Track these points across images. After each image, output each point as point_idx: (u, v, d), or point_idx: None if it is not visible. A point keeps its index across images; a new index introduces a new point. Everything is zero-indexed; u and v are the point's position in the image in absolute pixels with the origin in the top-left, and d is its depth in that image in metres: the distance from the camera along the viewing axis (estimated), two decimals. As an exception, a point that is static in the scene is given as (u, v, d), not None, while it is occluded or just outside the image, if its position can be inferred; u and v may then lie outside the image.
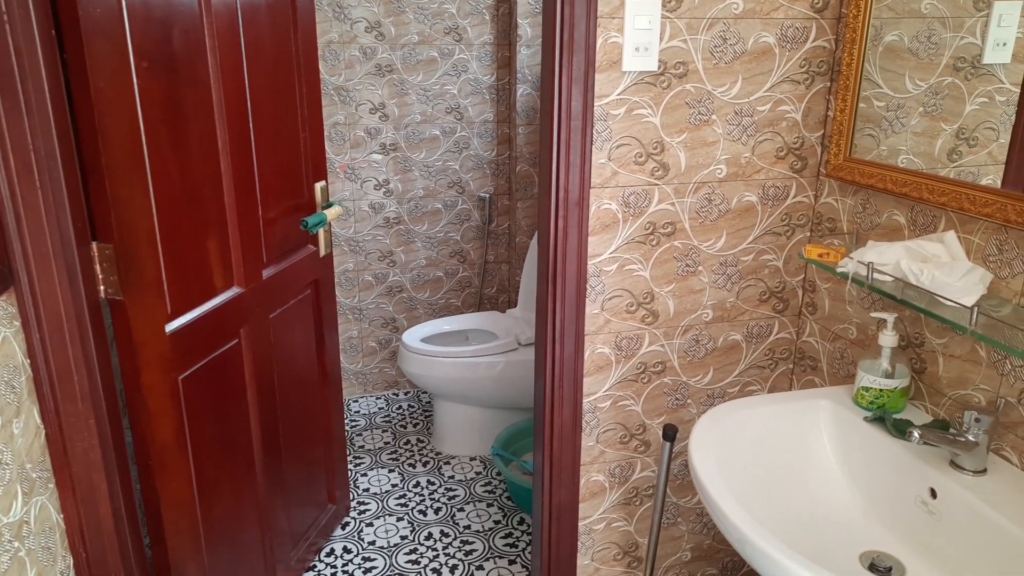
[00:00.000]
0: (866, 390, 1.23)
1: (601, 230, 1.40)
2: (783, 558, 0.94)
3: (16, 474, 1.11)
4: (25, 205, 1.14)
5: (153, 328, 1.40)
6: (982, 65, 1.28)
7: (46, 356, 1.21)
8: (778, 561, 0.94)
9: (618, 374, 1.50)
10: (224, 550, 1.69)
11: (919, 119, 1.36)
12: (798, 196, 1.48)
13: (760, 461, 1.23)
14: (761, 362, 1.58)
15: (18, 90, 1.10)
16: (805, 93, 1.42)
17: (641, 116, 1.35)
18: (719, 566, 1.73)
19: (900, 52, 1.37)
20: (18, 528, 1.10)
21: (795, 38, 1.38)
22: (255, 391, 1.76)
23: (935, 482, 1.08)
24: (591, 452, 1.54)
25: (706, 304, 1.50)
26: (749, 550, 1.00)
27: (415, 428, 2.94)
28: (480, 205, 3.06)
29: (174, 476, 1.50)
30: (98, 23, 1.21)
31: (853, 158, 1.39)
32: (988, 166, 1.26)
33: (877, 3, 1.36)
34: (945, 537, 1.06)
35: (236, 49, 1.59)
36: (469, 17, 2.80)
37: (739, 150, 1.42)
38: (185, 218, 1.48)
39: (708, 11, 1.31)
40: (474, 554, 2.20)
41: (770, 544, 0.95)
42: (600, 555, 1.63)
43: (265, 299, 1.78)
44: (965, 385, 1.17)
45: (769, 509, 1.13)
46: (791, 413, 1.29)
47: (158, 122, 1.38)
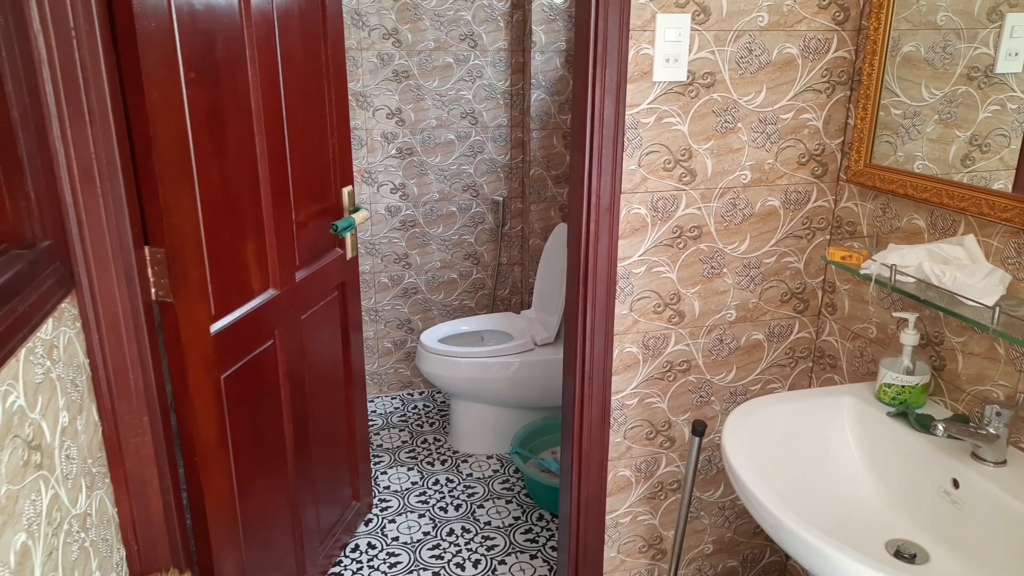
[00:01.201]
0: (888, 386, 1.29)
1: (631, 234, 1.46)
2: (817, 541, 0.99)
3: (80, 469, 1.16)
4: (87, 211, 1.19)
5: (199, 329, 1.46)
6: (995, 74, 1.33)
7: (104, 356, 1.26)
8: (812, 544, 0.99)
9: (645, 372, 1.56)
10: (259, 545, 1.74)
11: (934, 126, 1.42)
12: (819, 200, 1.53)
13: (787, 454, 1.28)
14: (782, 361, 1.64)
15: (82, 100, 1.15)
16: (826, 102, 1.47)
17: (670, 124, 1.40)
18: (740, 558, 1.79)
19: (917, 62, 1.43)
20: (83, 520, 1.15)
21: (817, 49, 1.43)
22: (288, 391, 1.82)
23: (958, 473, 1.14)
24: (618, 448, 1.60)
25: (730, 305, 1.56)
26: (784, 535, 1.05)
27: (431, 427, 2.99)
28: (494, 208, 3.12)
29: (217, 473, 1.55)
30: (152, 36, 1.26)
31: (873, 164, 1.45)
32: (1000, 171, 1.31)
33: (895, 16, 1.42)
34: (967, 525, 1.12)
35: (273, 59, 1.64)
36: (484, 24, 2.86)
37: (763, 156, 1.47)
38: (227, 222, 1.53)
39: (735, 24, 1.37)
40: (496, 549, 2.26)
41: (804, 529, 1.01)
42: (626, 548, 1.69)
43: (297, 301, 1.83)
44: (984, 381, 1.23)
45: (797, 499, 1.18)
46: (816, 409, 1.34)
47: (203, 130, 1.43)
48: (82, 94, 1.14)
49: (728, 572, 1.79)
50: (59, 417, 1.09)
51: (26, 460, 0.96)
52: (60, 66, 1.11)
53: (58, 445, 1.07)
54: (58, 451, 1.07)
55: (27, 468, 0.96)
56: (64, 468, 1.09)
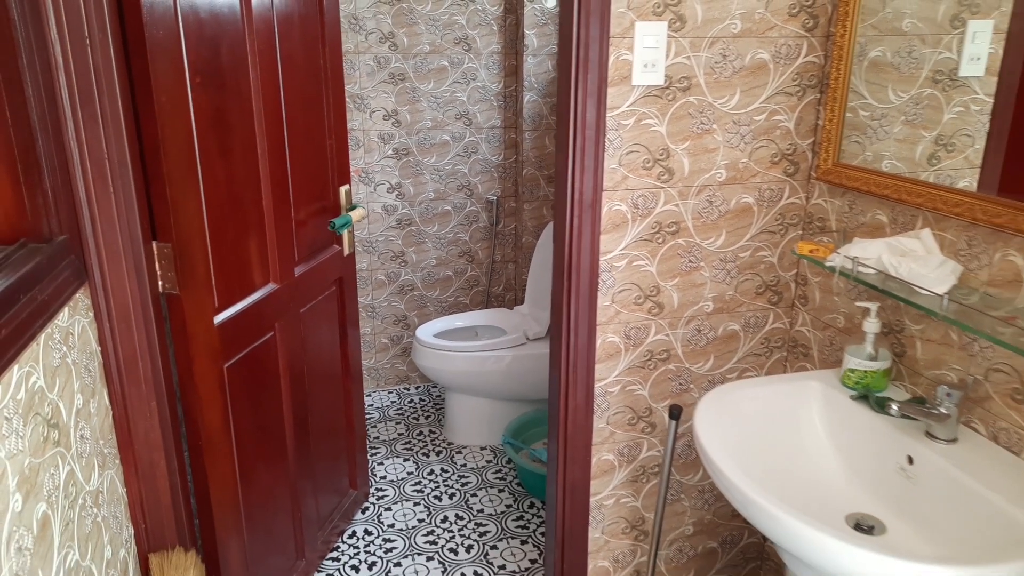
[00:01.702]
0: (852, 371, 1.37)
1: (612, 229, 1.54)
2: (780, 513, 1.07)
3: (93, 448, 1.25)
4: (100, 208, 1.27)
5: (204, 320, 1.54)
6: (958, 78, 1.41)
7: (115, 344, 1.34)
8: (776, 516, 1.08)
9: (627, 361, 1.64)
10: (260, 529, 1.82)
11: (901, 127, 1.49)
12: (791, 198, 1.62)
13: (757, 435, 1.36)
14: (758, 350, 1.72)
15: (96, 104, 1.23)
16: (797, 104, 1.56)
17: (649, 126, 1.49)
18: (719, 540, 1.87)
19: (883, 66, 1.51)
20: (96, 496, 1.24)
21: (788, 55, 1.52)
22: (287, 381, 1.90)
23: (912, 450, 1.22)
24: (602, 433, 1.68)
25: (707, 297, 1.64)
26: (752, 510, 1.13)
27: (427, 420, 3.07)
28: (488, 207, 3.20)
29: (220, 458, 1.63)
30: (161, 44, 1.34)
31: (841, 163, 1.53)
32: (965, 170, 1.39)
33: (862, 23, 1.50)
34: (921, 498, 1.20)
35: (273, 63, 1.72)
36: (478, 28, 2.94)
37: (737, 156, 1.56)
38: (230, 219, 1.61)
39: (709, 31, 1.45)
40: (488, 535, 2.34)
41: (768, 501, 1.09)
42: (610, 529, 1.77)
43: (297, 295, 1.91)
44: (940, 366, 1.31)
45: (766, 477, 1.26)
46: (785, 393, 1.43)
47: (208, 132, 1.51)
48: (96, 98, 1.22)
49: (707, 553, 1.87)
50: (75, 399, 1.17)
51: (46, 436, 1.04)
52: (75, 72, 1.19)
53: (73, 425, 1.15)
54: (73, 430, 1.15)
55: (47, 444, 1.04)
56: (79, 447, 1.17)
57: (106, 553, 1.26)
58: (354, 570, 2.19)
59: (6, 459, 0.91)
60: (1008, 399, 1.18)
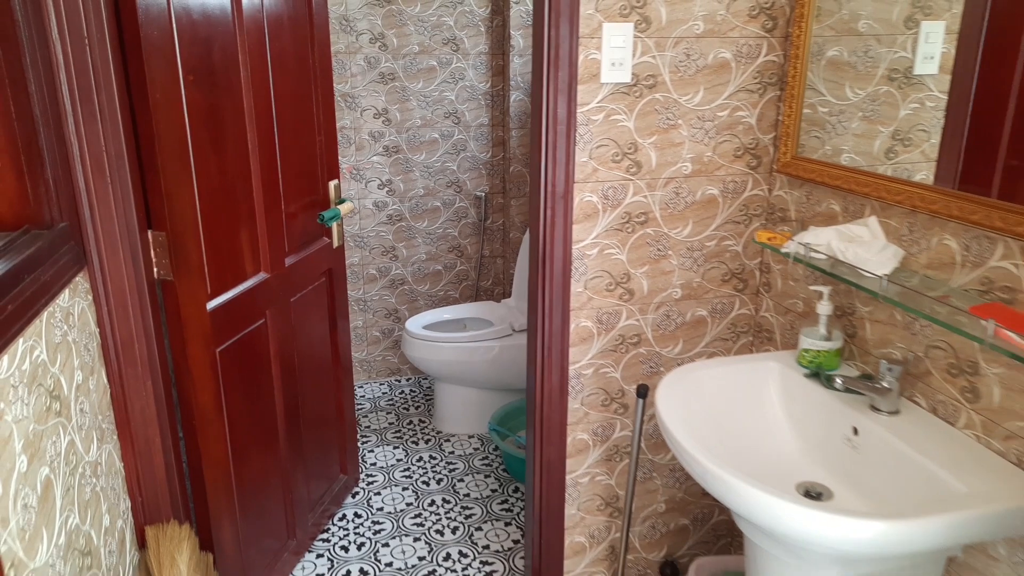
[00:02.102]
0: (807, 351, 1.46)
1: (584, 219, 1.62)
2: (731, 478, 1.15)
3: (92, 422, 1.33)
4: (98, 198, 1.36)
5: (197, 306, 1.62)
6: (913, 76, 1.49)
7: (112, 326, 1.43)
8: (730, 483, 1.15)
9: (599, 345, 1.73)
10: (252, 508, 1.91)
11: (859, 123, 1.58)
12: (754, 190, 1.70)
13: (717, 411, 1.45)
14: (725, 335, 1.81)
15: (94, 100, 1.32)
16: (758, 101, 1.64)
17: (617, 121, 1.57)
18: (690, 517, 1.96)
19: (841, 65, 1.59)
20: (95, 467, 1.32)
21: (749, 54, 1.60)
22: (278, 367, 1.98)
23: (857, 422, 1.31)
24: (576, 414, 1.77)
25: (675, 284, 1.73)
26: (710, 479, 1.20)
27: (417, 410, 3.16)
28: (476, 203, 3.28)
29: (213, 437, 1.71)
30: (155, 43, 1.43)
31: (799, 156, 1.62)
32: (921, 163, 1.47)
33: (818, 24, 1.58)
34: (864, 466, 1.29)
35: (264, 62, 1.81)
36: (466, 29, 3.03)
37: (702, 150, 1.64)
38: (222, 211, 1.69)
39: (673, 32, 1.54)
40: (473, 517, 2.42)
41: (722, 469, 1.17)
42: (585, 506, 1.86)
43: (287, 284, 1.99)
44: (887, 345, 1.40)
45: (725, 450, 1.35)
46: (744, 372, 1.51)
47: (200, 127, 1.59)
48: (94, 95, 1.31)
49: (680, 530, 1.96)
50: (74, 375, 1.25)
51: (48, 406, 1.12)
52: (75, 70, 1.28)
53: (73, 398, 1.24)
54: (74, 404, 1.24)
55: (49, 413, 1.13)
56: (79, 419, 1.26)
57: (104, 521, 1.34)
58: (343, 550, 2.27)
59: (13, 423, 0.99)
60: (945, 374, 1.26)
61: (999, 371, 1.16)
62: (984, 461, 1.16)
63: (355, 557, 2.24)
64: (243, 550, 1.87)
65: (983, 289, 1.18)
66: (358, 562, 2.22)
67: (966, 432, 1.23)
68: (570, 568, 1.91)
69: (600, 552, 1.92)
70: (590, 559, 1.92)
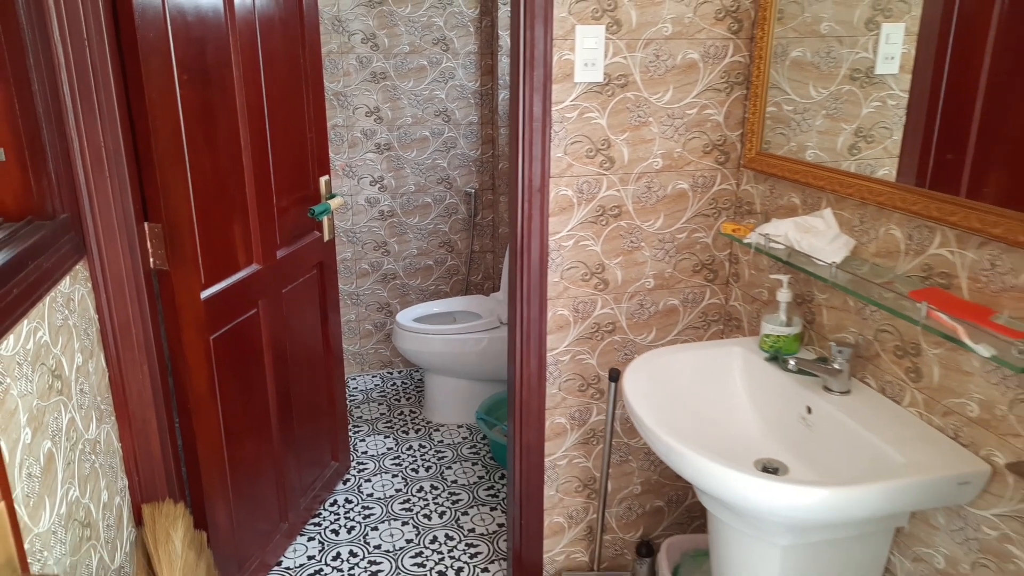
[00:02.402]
0: (767, 336, 1.54)
1: (559, 212, 1.71)
2: (694, 455, 1.22)
3: (91, 402, 1.41)
4: (97, 190, 1.44)
5: (191, 295, 1.70)
6: (875, 75, 1.56)
7: (111, 312, 1.51)
8: (690, 459, 1.23)
9: (576, 332, 1.81)
10: (245, 490, 1.99)
11: (823, 120, 1.66)
12: (723, 184, 1.79)
13: (683, 394, 1.53)
14: (696, 323, 1.89)
15: (94, 98, 1.40)
16: (726, 99, 1.73)
17: (591, 118, 1.66)
18: (665, 499, 2.04)
19: (804, 65, 1.67)
20: (94, 445, 1.40)
21: (716, 55, 1.69)
22: (270, 356, 2.06)
23: (811, 401, 1.39)
24: (554, 398, 1.85)
25: (648, 274, 1.81)
26: (674, 457, 1.28)
27: (408, 401, 3.24)
28: (466, 199, 3.37)
29: (207, 420, 1.79)
30: (151, 44, 1.51)
31: (763, 152, 1.70)
32: (884, 159, 1.55)
33: (781, 26, 1.67)
34: (817, 443, 1.37)
35: (255, 62, 1.89)
36: (455, 29, 3.11)
37: (672, 146, 1.72)
38: (215, 204, 1.78)
39: (643, 33, 1.62)
40: (460, 503, 2.51)
41: (683, 445, 1.25)
42: (563, 487, 1.94)
43: (279, 276, 2.08)
44: (841, 330, 1.48)
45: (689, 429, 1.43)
46: (709, 356, 1.59)
47: (195, 124, 1.67)
48: (93, 93, 1.39)
49: (655, 511, 2.04)
50: (75, 357, 1.33)
51: (50, 384, 1.21)
52: (76, 70, 1.36)
53: (74, 379, 1.32)
54: (74, 384, 1.32)
55: (51, 391, 1.21)
56: (79, 399, 1.34)
57: (103, 496, 1.43)
58: (334, 534, 2.35)
59: (18, 397, 1.08)
60: (892, 355, 1.35)
61: (938, 352, 1.24)
62: (924, 435, 1.25)
63: (345, 540, 2.32)
64: (236, 531, 1.96)
65: (924, 275, 1.26)
66: (348, 544, 2.30)
67: (910, 409, 1.32)
68: (549, 548, 2.00)
69: (578, 532, 2.00)
70: (569, 539, 2.00)
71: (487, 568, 2.20)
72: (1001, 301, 1.12)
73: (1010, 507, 1.13)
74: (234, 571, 1.96)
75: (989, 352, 1.02)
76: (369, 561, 2.23)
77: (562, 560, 2.02)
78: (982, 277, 1.15)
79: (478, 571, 2.19)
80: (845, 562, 1.36)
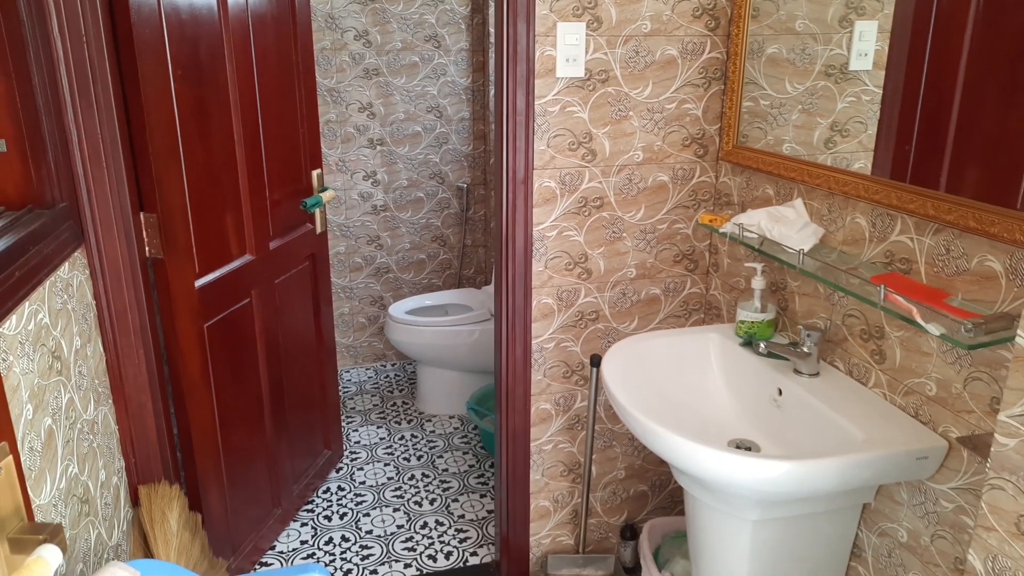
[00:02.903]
0: (742, 323, 1.60)
1: (543, 203, 1.76)
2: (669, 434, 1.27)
3: (90, 384, 1.47)
4: (95, 181, 1.49)
5: (186, 283, 1.76)
6: (849, 71, 1.62)
7: (108, 298, 1.56)
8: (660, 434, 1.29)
9: (560, 320, 1.87)
10: (238, 476, 2.04)
11: (799, 115, 1.71)
12: (702, 176, 1.84)
13: (661, 378, 1.59)
14: (678, 312, 1.95)
15: (91, 92, 1.45)
16: (704, 94, 1.78)
17: (573, 112, 1.71)
18: (648, 484, 2.10)
19: (780, 62, 1.73)
20: (92, 425, 1.46)
21: (694, 51, 1.74)
22: (263, 345, 2.12)
23: (782, 384, 1.45)
24: (539, 385, 1.91)
25: (630, 264, 1.87)
26: (651, 436, 1.33)
27: (400, 393, 3.30)
28: (458, 194, 3.42)
29: (201, 406, 1.85)
30: (147, 41, 1.56)
31: (740, 145, 1.76)
32: (859, 152, 1.61)
33: (757, 24, 1.72)
34: (787, 423, 1.43)
35: (248, 58, 1.94)
36: (447, 26, 3.16)
37: (652, 139, 1.78)
38: (209, 196, 1.83)
39: (623, 30, 1.68)
40: (450, 490, 2.56)
41: (661, 426, 1.30)
42: (549, 471, 2.00)
43: (272, 267, 2.13)
44: (812, 316, 1.54)
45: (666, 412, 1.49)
46: (687, 343, 1.65)
47: (189, 118, 1.73)
48: (91, 87, 1.44)
49: (639, 495, 2.10)
50: (73, 340, 1.39)
51: (50, 365, 1.26)
52: (74, 65, 1.41)
53: (73, 361, 1.37)
54: (73, 366, 1.37)
55: (51, 371, 1.26)
56: (77, 380, 1.39)
57: (101, 475, 1.48)
58: (327, 519, 2.41)
59: (20, 375, 1.13)
60: (858, 339, 1.41)
61: (900, 334, 1.30)
62: (886, 414, 1.31)
63: (337, 526, 2.38)
64: (230, 515, 2.01)
65: (887, 261, 1.32)
66: (340, 530, 2.36)
67: (875, 390, 1.37)
68: (536, 531, 2.05)
69: (564, 516, 2.06)
70: (554, 522, 2.06)
71: (476, 552, 2.25)
72: (955, 284, 1.18)
73: (964, 480, 1.19)
74: (228, 554, 2.02)
75: (939, 331, 1.07)
76: (361, 546, 2.28)
77: (548, 543, 2.08)
78: (938, 262, 1.21)
79: (467, 555, 2.24)
80: (814, 537, 1.42)
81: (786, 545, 1.42)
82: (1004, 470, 0.80)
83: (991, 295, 1.12)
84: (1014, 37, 1.14)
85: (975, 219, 1.12)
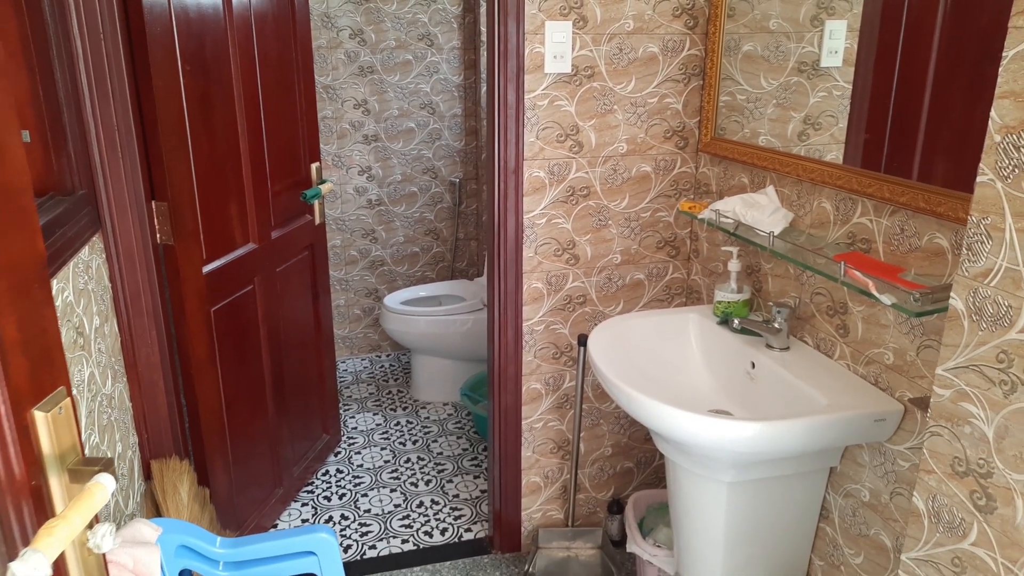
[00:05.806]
0: (719, 303, 1.71)
1: (533, 192, 1.87)
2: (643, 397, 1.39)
3: (108, 361, 1.56)
4: (111, 169, 1.58)
5: (194, 269, 1.85)
6: (820, 68, 1.73)
7: (122, 281, 1.65)
8: (640, 401, 1.40)
9: (549, 304, 1.97)
10: (243, 455, 2.14)
11: (773, 109, 1.82)
12: (683, 167, 1.95)
13: (643, 354, 1.70)
14: (661, 296, 2.06)
15: (108, 86, 1.54)
16: (684, 89, 1.89)
17: (560, 106, 1.82)
18: (634, 461, 2.21)
19: (755, 58, 1.84)
20: (110, 400, 1.55)
21: (674, 48, 1.85)
22: (265, 330, 2.21)
23: (754, 357, 1.56)
24: (530, 365, 2.01)
25: (615, 250, 1.97)
26: (634, 405, 1.43)
27: (396, 382, 3.40)
28: (451, 189, 3.52)
29: (208, 386, 1.94)
30: (158, 38, 1.65)
31: (717, 137, 1.87)
32: (831, 145, 1.72)
33: (733, 22, 1.83)
34: (759, 394, 1.54)
35: (251, 56, 2.03)
36: (439, 25, 3.26)
37: (636, 132, 1.89)
38: (215, 186, 1.92)
39: (607, 29, 1.78)
40: (445, 472, 2.67)
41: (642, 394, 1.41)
42: (539, 448, 2.10)
43: (273, 255, 2.22)
44: (784, 295, 1.65)
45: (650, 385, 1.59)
46: (668, 322, 1.76)
47: (196, 111, 1.82)
48: (107, 81, 1.54)
49: (625, 472, 2.21)
50: (93, 319, 1.48)
51: (75, 340, 1.35)
52: (92, 60, 1.50)
53: (93, 339, 1.47)
54: (93, 343, 1.47)
55: (75, 346, 1.35)
56: (97, 357, 1.48)
57: (118, 448, 1.57)
58: (326, 499, 2.51)
59: (50, 346, 1.22)
60: (825, 315, 1.52)
61: (861, 309, 1.41)
62: (849, 383, 1.42)
63: (336, 505, 2.48)
64: (235, 492, 2.10)
65: (849, 242, 1.43)
66: (339, 509, 2.45)
67: (840, 362, 1.49)
68: (527, 506, 2.16)
69: (554, 491, 2.17)
70: (545, 497, 2.17)
71: (470, 528, 2.36)
72: (909, 260, 1.29)
73: (918, 440, 1.30)
74: (233, 530, 2.11)
75: (890, 300, 1.18)
76: (359, 524, 2.38)
77: (539, 517, 2.18)
78: (894, 240, 1.32)
79: (462, 531, 2.34)
80: (786, 499, 1.53)
81: (759, 507, 1.52)
82: (941, 418, 0.91)
83: (940, 269, 1.23)
84: (958, 37, 1.26)
85: (924, 200, 1.23)
